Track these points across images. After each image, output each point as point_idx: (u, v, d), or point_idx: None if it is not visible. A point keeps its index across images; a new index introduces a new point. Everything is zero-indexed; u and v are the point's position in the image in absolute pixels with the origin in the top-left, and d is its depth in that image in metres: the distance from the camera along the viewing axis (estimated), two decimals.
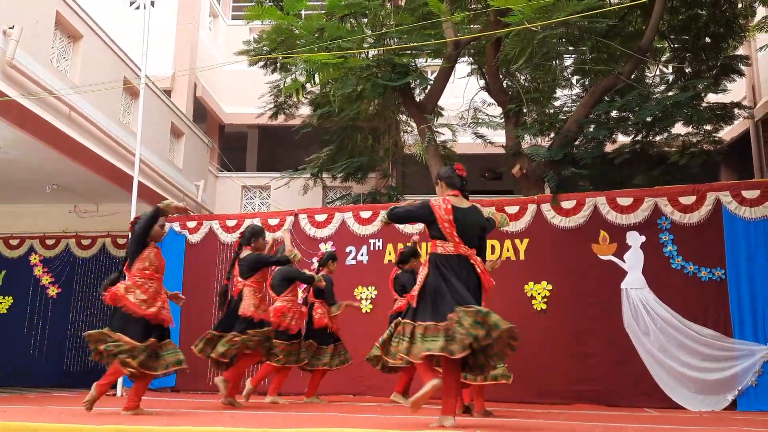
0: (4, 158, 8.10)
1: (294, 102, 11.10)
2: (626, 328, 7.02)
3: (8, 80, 6.46)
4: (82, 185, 9.24)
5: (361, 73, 8.66)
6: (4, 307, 10.10)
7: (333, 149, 11.14)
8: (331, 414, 5.06)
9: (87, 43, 7.91)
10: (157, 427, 3.85)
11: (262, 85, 11.20)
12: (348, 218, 8.55)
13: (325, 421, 4.38)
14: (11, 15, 6.47)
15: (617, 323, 7.06)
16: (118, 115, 8.73)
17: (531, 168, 8.40)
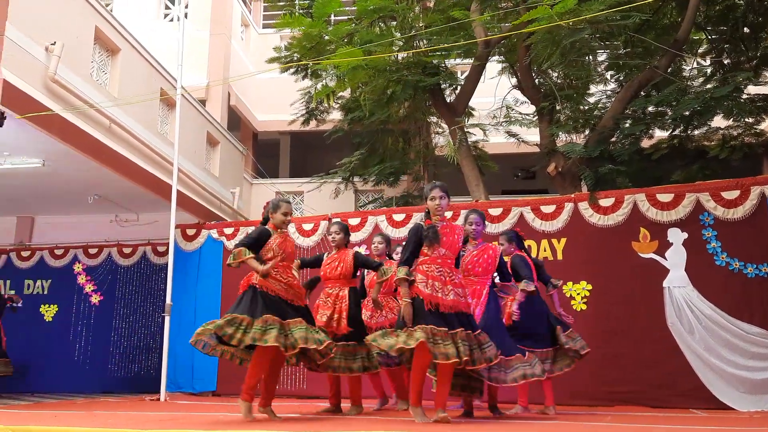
0: (48, 171, 8.32)
1: (325, 107, 11.20)
2: (669, 327, 6.87)
3: (51, 94, 6.64)
4: (122, 195, 9.44)
5: (391, 75, 8.70)
6: (50, 315, 10.38)
7: (364, 153, 11.19)
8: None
9: (125, 57, 8.09)
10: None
11: (294, 92, 11.33)
12: (381, 221, 8.57)
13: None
14: (53, 31, 6.66)
15: (660, 322, 6.92)
16: (156, 125, 8.91)
17: (566, 166, 8.30)
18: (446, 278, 4.37)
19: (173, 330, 8.10)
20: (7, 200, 9.68)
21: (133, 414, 5.54)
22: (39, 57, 6.49)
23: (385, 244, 6.12)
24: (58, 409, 6.28)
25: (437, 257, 4.40)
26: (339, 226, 5.62)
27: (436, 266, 4.38)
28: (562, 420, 4.97)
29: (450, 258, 4.47)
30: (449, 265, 4.45)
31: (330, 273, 5.43)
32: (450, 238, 4.47)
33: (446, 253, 4.44)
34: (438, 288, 4.31)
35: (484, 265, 5.07)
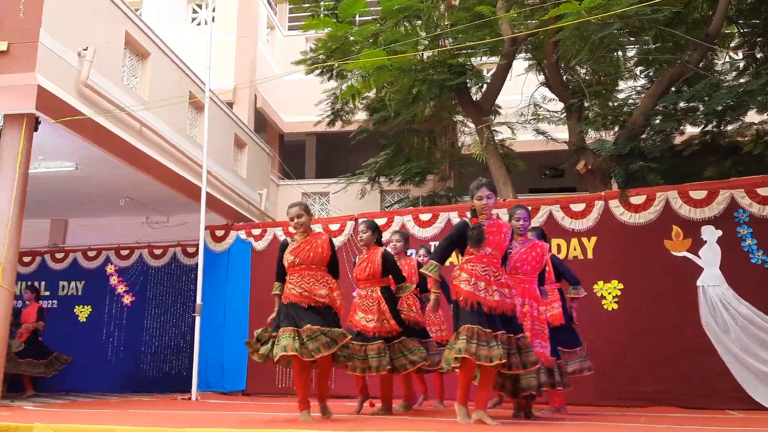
0: (81, 175, 8.47)
1: (350, 108, 11.22)
2: (704, 326, 6.75)
3: (83, 99, 6.77)
4: (152, 197, 9.58)
5: (416, 75, 8.68)
6: (84, 316, 10.58)
7: (390, 153, 11.20)
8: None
9: (154, 61, 8.21)
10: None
11: (319, 93, 11.38)
12: (407, 221, 8.56)
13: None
14: (85, 37, 6.78)
15: (694, 321, 6.79)
16: (185, 128, 9.03)
17: (596, 163, 8.20)
18: (491, 278, 4.27)
19: (203, 330, 8.20)
20: (41, 203, 9.88)
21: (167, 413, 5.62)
22: (72, 62, 6.62)
23: (403, 242, 6.10)
24: (92, 408, 6.40)
25: (483, 256, 4.31)
26: (366, 224, 5.57)
27: (481, 265, 4.29)
28: (596, 421, 4.91)
29: (496, 257, 4.37)
30: (495, 264, 4.35)
31: (360, 274, 5.40)
32: (497, 237, 4.36)
33: (492, 252, 4.34)
34: (482, 288, 4.22)
35: (533, 263, 4.97)
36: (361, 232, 5.56)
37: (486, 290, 4.23)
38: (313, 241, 4.80)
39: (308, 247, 4.77)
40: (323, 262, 4.79)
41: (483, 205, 4.40)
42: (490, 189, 4.44)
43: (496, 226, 4.41)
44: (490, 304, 4.21)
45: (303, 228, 4.81)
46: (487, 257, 4.32)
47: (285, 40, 14.72)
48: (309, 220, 4.89)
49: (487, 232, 4.33)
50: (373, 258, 5.37)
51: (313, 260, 4.74)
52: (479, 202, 4.41)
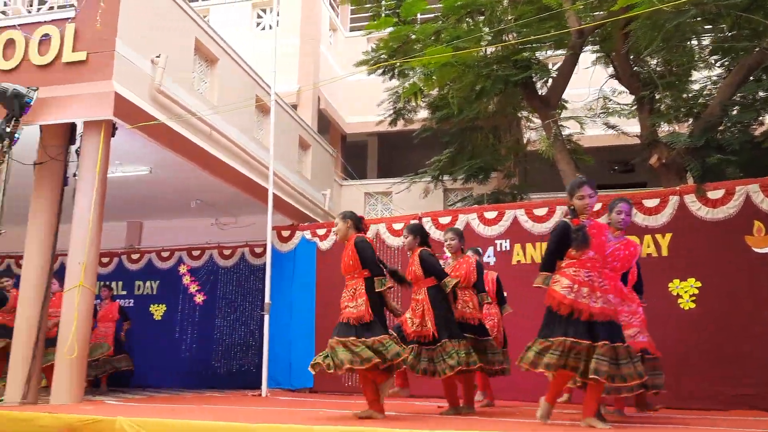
0: (155, 178, 8.79)
1: (412, 107, 11.21)
2: None
3: (157, 105, 7.03)
4: (222, 199, 9.86)
5: (480, 70, 8.58)
6: (159, 314, 10.99)
7: (453, 151, 11.12)
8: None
9: (222, 66, 8.44)
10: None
11: (381, 93, 11.43)
12: (472, 219, 8.47)
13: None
14: (157, 45, 7.05)
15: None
16: (252, 131, 9.24)
17: (670, 157, 7.88)
18: (595, 284, 4.07)
19: (271, 328, 8.36)
20: (118, 206, 10.32)
21: (241, 409, 5.76)
22: (145, 70, 6.88)
23: (457, 239, 5.99)
24: (168, 403, 6.63)
25: (586, 260, 4.10)
26: (408, 228, 5.60)
27: (585, 271, 4.08)
28: (676, 424, 4.71)
29: (599, 261, 4.15)
30: (598, 268, 4.14)
31: (408, 277, 5.37)
32: (598, 240, 4.16)
33: (595, 256, 4.13)
34: (585, 294, 4.01)
35: (623, 261, 4.72)
36: (404, 237, 5.61)
37: (589, 297, 4.02)
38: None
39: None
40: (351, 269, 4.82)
41: (585, 204, 4.17)
42: (592, 187, 4.20)
43: (596, 228, 4.20)
44: (592, 311, 3.99)
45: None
46: (590, 261, 4.11)
47: (347, 41, 14.86)
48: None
49: (589, 234, 4.12)
50: (414, 259, 5.39)
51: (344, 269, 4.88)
52: (580, 201, 4.18)
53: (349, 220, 5.00)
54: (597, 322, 3.99)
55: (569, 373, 4.03)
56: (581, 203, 4.19)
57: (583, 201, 4.18)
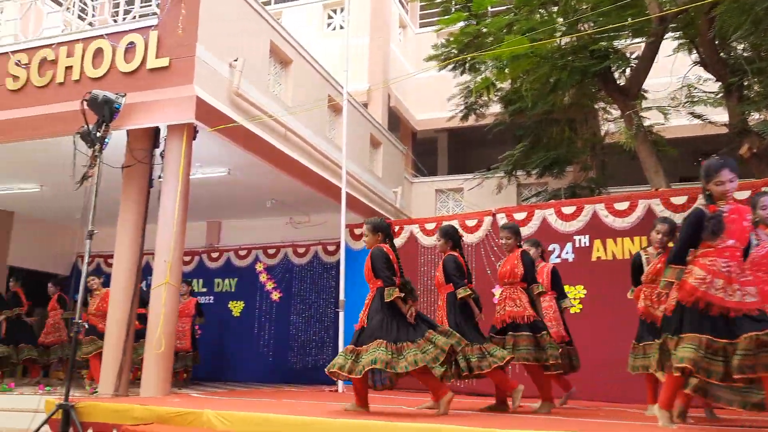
0: (233, 179, 9.04)
1: (484, 101, 11.05)
2: None
3: (235, 107, 7.21)
4: (296, 198, 10.03)
5: (555, 62, 8.35)
6: (238, 311, 11.34)
7: (527, 145, 10.89)
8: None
9: (296, 67, 8.58)
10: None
11: (451, 89, 11.32)
12: (549, 215, 8.27)
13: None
14: (234, 48, 7.24)
15: None
16: (325, 130, 9.35)
17: (763, 146, 7.42)
18: (733, 275, 3.71)
19: (346, 324, 8.43)
20: (198, 207, 10.68)
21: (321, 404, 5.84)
22: (224, 73, 7.08)
23: (513, 238, 5.84)
24: (249, 397, 6.80)
25: (724, 249, 3.74)
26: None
27: (723, 260, 3.73)
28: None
29: (738, 250, 3.76)
30: (737, 258, 3.75)
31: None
32: (739, 226, 3.75)
33: (734, 244, 3.75)
34: (719, 286, 3.68)
35: None
36: (436, 239, 5.62)
37: (724, 290, 3.68)
38: None
39: None
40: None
41: (724, 190, 3.75)
42: (733, 170, 3.76)
43: (737, 212, 3.78)
44: (727, 305, 3.66)
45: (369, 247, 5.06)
46: (728, 250, 3.74)
47: (416, 38, 14.82)
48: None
49: (728, 221, 3.74)
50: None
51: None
52: (719, 187, 3.76)
53: (380, 234, 5.03)
54: (737, 318, 3.64)
55: (681, 379, 3.80)
56: (720, 189, 3.76)
57: (723, 187, 3.75)
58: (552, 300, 6.20)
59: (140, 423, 4.83)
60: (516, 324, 5.38)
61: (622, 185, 11.23)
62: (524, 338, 5.29)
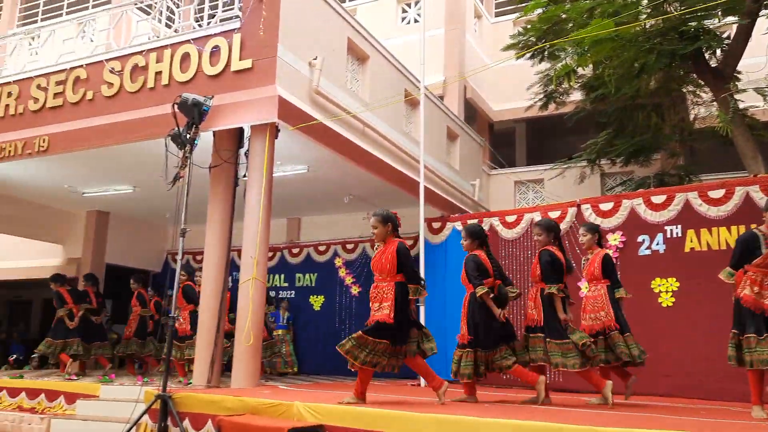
0: (312, 176, 9.19)
1: (564, 89, 10.73)
2: None
3: (315, 105, 7.33)
4: (372, 194, 10.08)
5: (641, 45, 7.98)
6: (318, 305, 11.55)
7: (611, 133, 10.49)
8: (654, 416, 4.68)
9: (373, 63, 8.63)
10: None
11: (529, 78, 11.08)
12: (637, 204, 7.94)
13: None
14: (314, 47, 7.35)
15: None
16: (402, 125, 9.36)
17: None
18: None
19: (426, 319, 8.42)
20: (279, 204, 10.93)
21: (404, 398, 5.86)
22: (304, 72, 7.20)
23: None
24: (335, 390, 6.91)
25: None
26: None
27: None
28: None
29: None
30: None
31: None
32: None
33: None
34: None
35: None
36: (462, 239, 5.69)
37: None
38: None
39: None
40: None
41: None
42: None
43: None
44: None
45: (378, 238, 5.15)
46: None
47: (492, 28, 14.57)
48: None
49: None
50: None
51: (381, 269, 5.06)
52: None
53: (390, 223, 5.16)
54: None
55: None
56: None
57: None
58: (603, 288, 5.92)
59: (234, 413, 5.01)
60: (530, 327, 5.58)
61: (713, 172, 10.65)
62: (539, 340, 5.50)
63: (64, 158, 8.27)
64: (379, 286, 5.07)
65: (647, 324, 7.54)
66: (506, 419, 3.94)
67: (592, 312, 5.90)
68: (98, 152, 7.90)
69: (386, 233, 5.13)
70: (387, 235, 5.13)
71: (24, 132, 8.13)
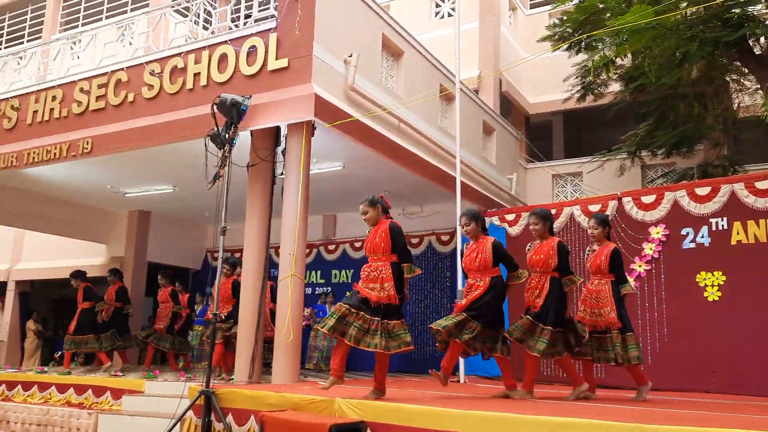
0: (347, 173, 9.22)
1: (602, 80, 10.54)
2: None
3: (350, 102, 7.34)
4: (408, 189, 10.06)
5: (683, 33, 7.78)
6: None
7: (651, 123, 10.26)
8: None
9: (407, 59, 8.60)
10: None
11: (566, 69, 10.90)
12: (681, 197, 7.75)
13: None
14: (348, 44, 7.35)
15: None
16: (437, 120, 9.31)
17: None
18: None
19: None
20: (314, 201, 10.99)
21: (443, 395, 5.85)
22: (339, 69, 7.21)
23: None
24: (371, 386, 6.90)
25: None
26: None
27: None
28: None
29: None
30: None
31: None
32: None
33: None
34: None
35: None
36: (463, 225, 5.64)
37: None
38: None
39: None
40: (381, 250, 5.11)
41: None
42: None
43: None
44: None
45: (371, 222, 5.25)
46: None
47: (527, 20, 14.37)
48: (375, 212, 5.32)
49: None
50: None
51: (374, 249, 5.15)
52: None
53: (379, 205, 5.34)
54: None
55: None
56: None
57: None
58: (608, 283, 5.69)
59: (276, 409, 5.06)
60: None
61: (759, 162, 10.34)
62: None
63: (106, 159, 8.47)
64: (374, 266, 5.17)
65: (692, 319, 7.38)
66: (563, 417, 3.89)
67: (594, 307, 5.68)
68: (139, 153, 8.06)
69: (377, 215, 5.30)
70: (378, 217, 5.29)
71: (68, 134, 8.34)
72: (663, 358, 7.46)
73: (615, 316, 5.52)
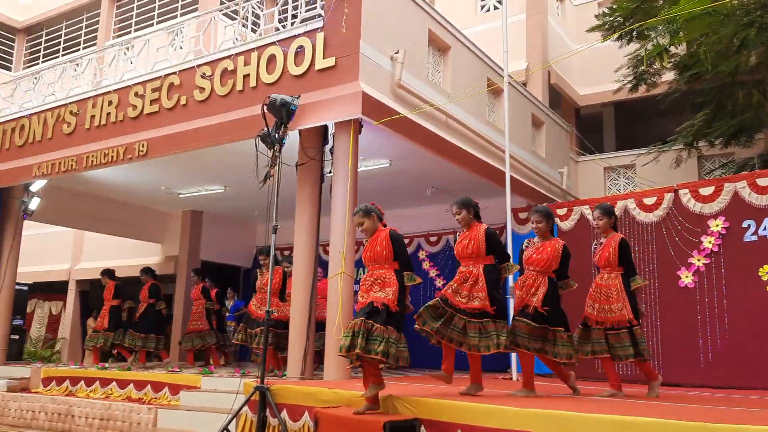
0: (394, 170, 9.22)
1: (655, 69, 10.23)
2: None
3: (398, 99, 7.33)
4: (455, 185, 9.96)
5: (740, 19, 7.48)
6: None
7: (708, 113, 9.90)
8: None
9: (454, 53, 8.53)
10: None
11: (617, 60, 10.63)
12: (741, 188, 7.46)
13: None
14: (395, 41, 7.35)
15: None
16: (485, 114, 9.21)
17: None
18: None
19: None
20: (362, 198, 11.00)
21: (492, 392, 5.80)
22: (386, 66, 7.21)
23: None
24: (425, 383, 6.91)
25: None
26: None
27: None
28: None
29: None
30: None
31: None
32: None
33: None
34: None
35: None
36: (455, 213, 5.46)
37: None
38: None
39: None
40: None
41: None
42: None
43: None
44: None
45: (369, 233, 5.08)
46: None
47: (576, 10, 14.08)
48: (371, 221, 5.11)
49: None
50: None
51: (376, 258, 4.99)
52: None
53: (374, 214, 5.16)
54: None
55: None
56: None
57: None
58: (618, 277, 5.46)
59: (329, 405, 5.11)
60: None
61: None
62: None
63: (161, 161, 8.70)
64: (376, 273, 5.03)
65: (755, 314, 7.10)
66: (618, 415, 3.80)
67: (604, 303, 5.45)
68: (192, 155, 8.25)
69: (374, 224, 5.15)
70: (375, 225, 5.15)
71: (125, 138, 8.60)
72: (724, 355, 7.21)
73: (627, 313, 5.34)
